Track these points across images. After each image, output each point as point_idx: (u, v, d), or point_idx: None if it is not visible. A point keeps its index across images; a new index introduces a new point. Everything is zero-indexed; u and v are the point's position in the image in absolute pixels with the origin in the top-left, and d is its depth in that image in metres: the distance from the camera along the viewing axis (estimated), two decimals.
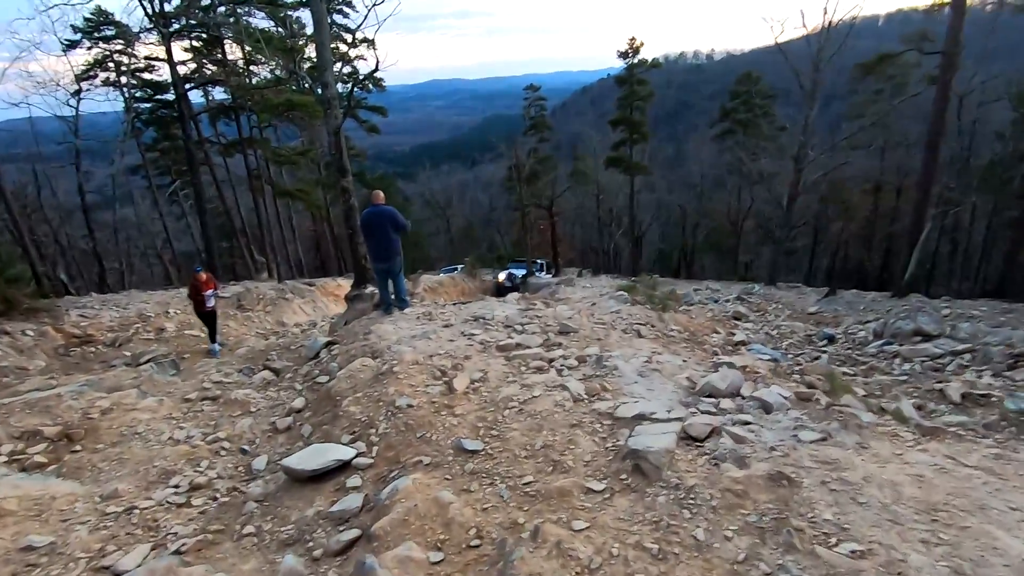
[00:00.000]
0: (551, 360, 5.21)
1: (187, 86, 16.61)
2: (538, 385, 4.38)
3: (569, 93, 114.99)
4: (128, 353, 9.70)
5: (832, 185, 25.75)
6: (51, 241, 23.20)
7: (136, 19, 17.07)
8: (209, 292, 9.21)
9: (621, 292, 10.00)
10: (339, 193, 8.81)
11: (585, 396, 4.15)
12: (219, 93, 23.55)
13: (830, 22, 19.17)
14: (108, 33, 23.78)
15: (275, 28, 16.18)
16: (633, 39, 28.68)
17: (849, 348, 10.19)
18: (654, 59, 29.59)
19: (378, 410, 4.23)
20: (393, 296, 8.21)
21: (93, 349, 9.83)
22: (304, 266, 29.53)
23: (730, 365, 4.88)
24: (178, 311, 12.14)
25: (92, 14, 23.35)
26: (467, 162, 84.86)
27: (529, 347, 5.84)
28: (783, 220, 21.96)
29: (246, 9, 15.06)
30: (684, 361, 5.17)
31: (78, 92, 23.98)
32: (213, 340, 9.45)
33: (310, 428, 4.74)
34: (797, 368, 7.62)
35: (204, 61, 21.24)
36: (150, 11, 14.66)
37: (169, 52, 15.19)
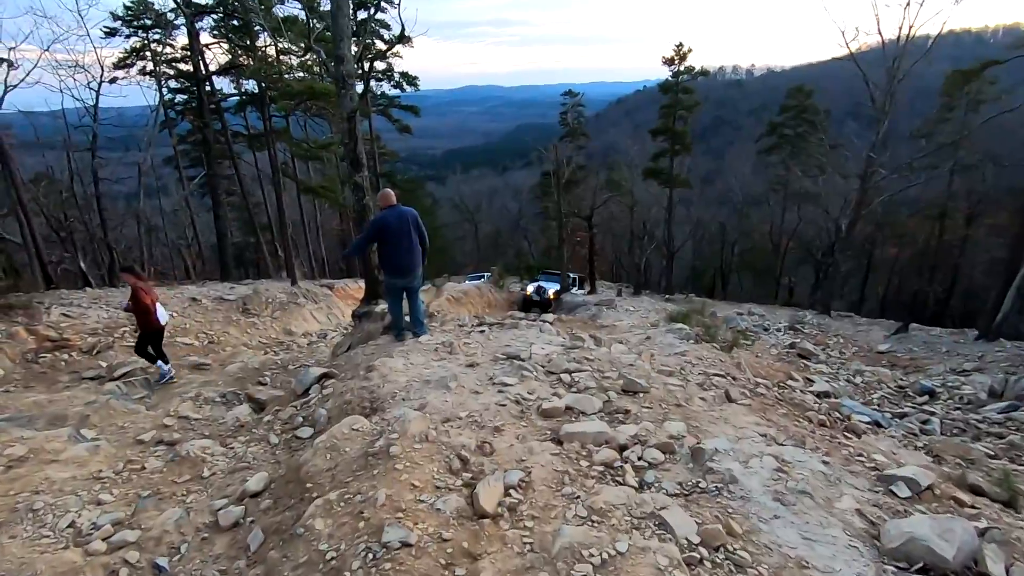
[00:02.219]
0: (623, 448, 3.48)
1: (212, 72, 15.40)
2: (616, 512, 2.65)
3: (604, 104, 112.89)
4: (104, 364, 8.26)
5: (888, 208, 23.51)
6: (83, 230, 22.42)
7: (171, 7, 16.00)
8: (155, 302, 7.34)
9: (680, 326, 8.19)
10: (352, 190, 7.22)
11: (705, 552, 2.41)
12: (251, 86, 22.66)
13: (909, 32, 17.00)
14: (147, 22, 23.03)
15: (300, 11, 14.90)
16: (680, 45, 26.79)
17: (958, 408, 8.20)
18: (701, 67, 27.62)
19: (355, 542, 2.55)
20: (408, 319, 6.59)
21: (67, 356, 8.42)
22: (327, 265, 28.30)
23: (910, 484, 3.09)
24: (175, 312, 10.73)
25: (132, 3, 22.60)
26: (498, 168, 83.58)
27: (585, 414, 4.12)
28: (841, 243, 19.78)
29: None
30: (825, 462, 3.38)
31: (114, 80, 23.26)
32: (165, 360, 7.71)
33: (260, 536, 3.09)
34: (920, 445, 5.75)
35: (237, 50, 20.17)
36: None
37: (192, 35, 13.98)
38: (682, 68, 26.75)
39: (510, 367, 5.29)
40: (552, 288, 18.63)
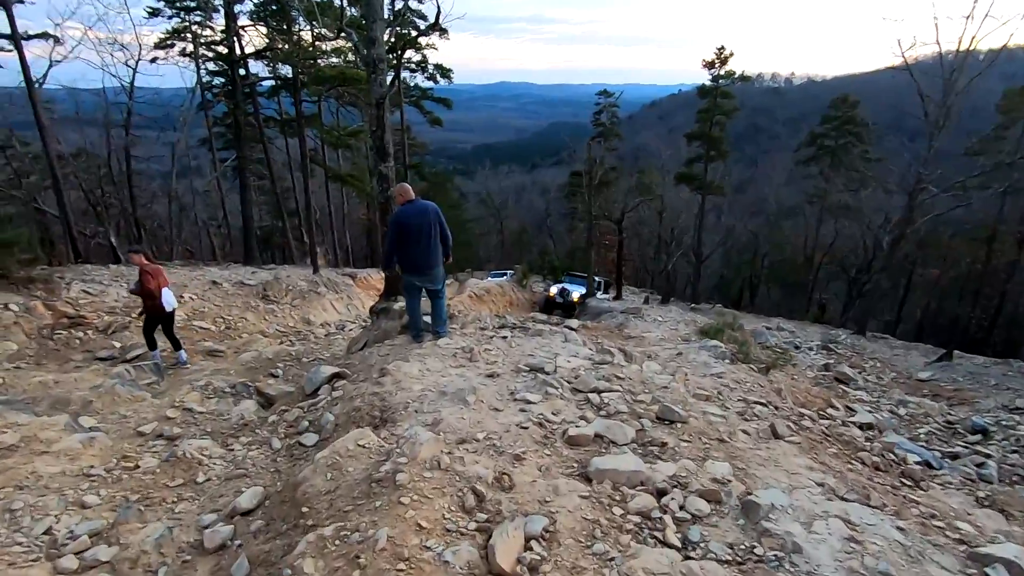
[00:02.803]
0: (661, 493, 3.02)
1: (247, 55, 15.25)
2: None
3: (637, 106, 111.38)
4: (118, 344, 8.09)
5: (929, 227, 22.40)
6: (117, 206, 22.70)
7: None
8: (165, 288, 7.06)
9: (714, 343, 7.65)
10: (377, 180, 6.86)
11: None
12: (286, 71, 22.57)
13: (970, 45, 15.96)
14: (189, 4, 23.10)
15: None
16: (721, 48, 25.84)
17: (1015, 451, 7.50)
18: (742, 72, 26.67)
19: None
20: (428, 319, 6.21)
21: (82, 334, 8.26)
22: (352, 254, 28.21)
23: (1011, 568, 2.58)
24: (195, 295, 10.56)
25: None
26: (527, 165, 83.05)
27: (616, 444, 3.67)
28: (882, 260, 18.84)
29: None
30: (900, 528, 2.87)
31: (154, 60, 23.43)
32: (178, 346, 7.51)
33: (245, 566, 2.72)
34: (983, 495, 5.15)
35: (273, 34, 20.06)
36: None
37: (228, 16, 13.82)
38: (722, 72, 25.84)
39: (533, 381, 4.86)
40: (576, 291, 18.10)
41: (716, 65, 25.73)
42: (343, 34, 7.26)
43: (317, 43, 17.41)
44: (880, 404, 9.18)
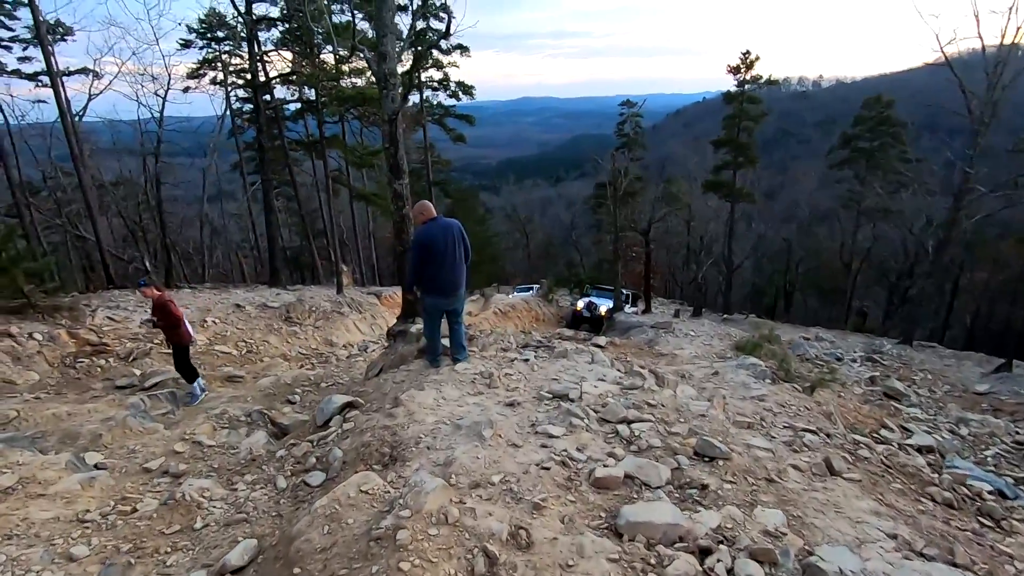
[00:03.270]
0: (704, 553, 2.57)
1: (271, 79, 15.42)
2: None
3: (661, 116, 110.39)
4: (138, 372, 7.98)
5: (975, 228, 21.16)
6: (154, 231, 23.29)
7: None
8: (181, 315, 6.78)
9: (753, 361, 7.10)
10: (391, 198, 6.60)
11: None
12: (310, 94, 22.89)
13: (1015, 36, 15.04)
14: (219, 34, 23.73)
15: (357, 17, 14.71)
16: (747, 53, 25.26)
17: None
18: (769, 76, 25.96)
19: None
20: (446, 342, 5.87)
21: (103, 362, 8.19)
22: (378, 272, 28.26)
23: None
24: (218, 319, 10.49)
25: (206, 16, 23.35)
26: (552, 178, 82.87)
27: (649, 487, 3.23)
28: (928, 265, 17.81)
29: None
30: None
31: (186, 90, 24.14)
32: (193, 378, 7.14)
33: None
34: None
35: (297, 58, 20.35)
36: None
37: (251, 42, 13.98)
38: (748, 77, 25.21)
39: (557, 411, 4.45)
40: (604, 305, 17.56)
41: (742, 70, 25.14)
42: (357, 52, 7.07)
43: (340, 65, 17.56)
44: (937, 423, 8.42)
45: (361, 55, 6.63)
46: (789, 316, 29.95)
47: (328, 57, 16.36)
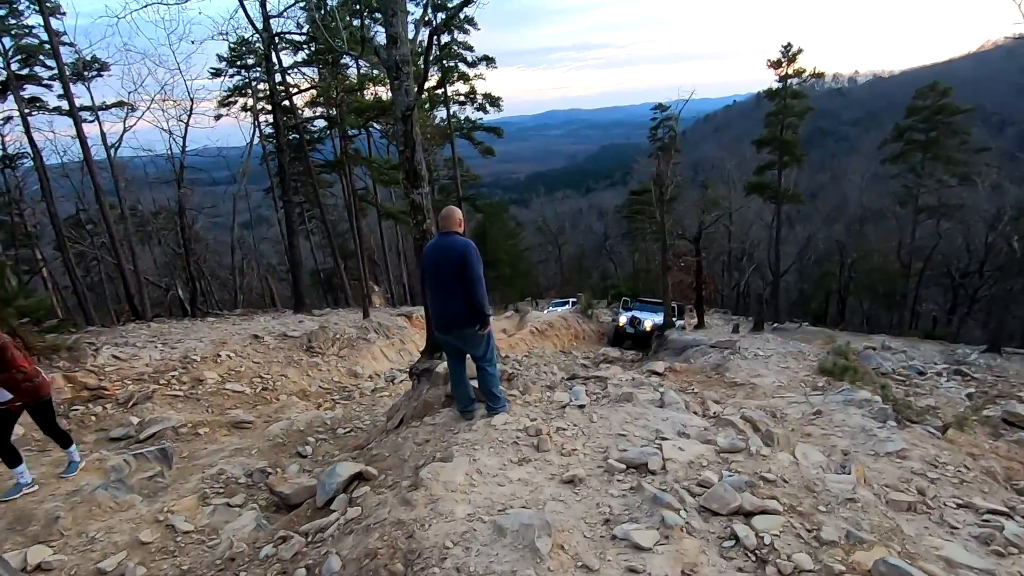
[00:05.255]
0: None
1: (291, 94, 14.73)
2: None
3: (690, 122, 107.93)
4: (136, 420, 6.97)
5: None
6: (195, 263, 23.08)
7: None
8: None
9: (862, 394, 5.62)
10: (410, 211, 5.44)
11: None
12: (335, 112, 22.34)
13: None
14: (248, 61, 23.53)
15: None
16: (788, 45, 23.53)
17: None
18: (814, 68, 24.14)
19: None
20: (474, 389, 4.62)
21: (100, 408, 7.23)
22: (409, 290, 27.37)
23: None
24: (232, 352, 9.52)
25: (236, 44, 23.17)
26: (581, 189, 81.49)
27: None
28: (1017, 263, 15.72)
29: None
30: None
31: (219, 117, 24.01)
32: (67, 443, 5.10)
33: None
34: None
35: (318, 72, 19.75)
36: (251, 13, 12.82)
37: (268, 58, 13.30)
38: (791, 71, 23.45)
39: (637, 494, 3.12)
40: (649, 320, 16.04)
41: (783, 64, 23.42)
42: (366, 49, 5.99)
43: (364, 80, 16.79)
44: None
45: (370, 50, 5.51)
46: (844, 323, 27.65)
47: (349, 72, 15.61)
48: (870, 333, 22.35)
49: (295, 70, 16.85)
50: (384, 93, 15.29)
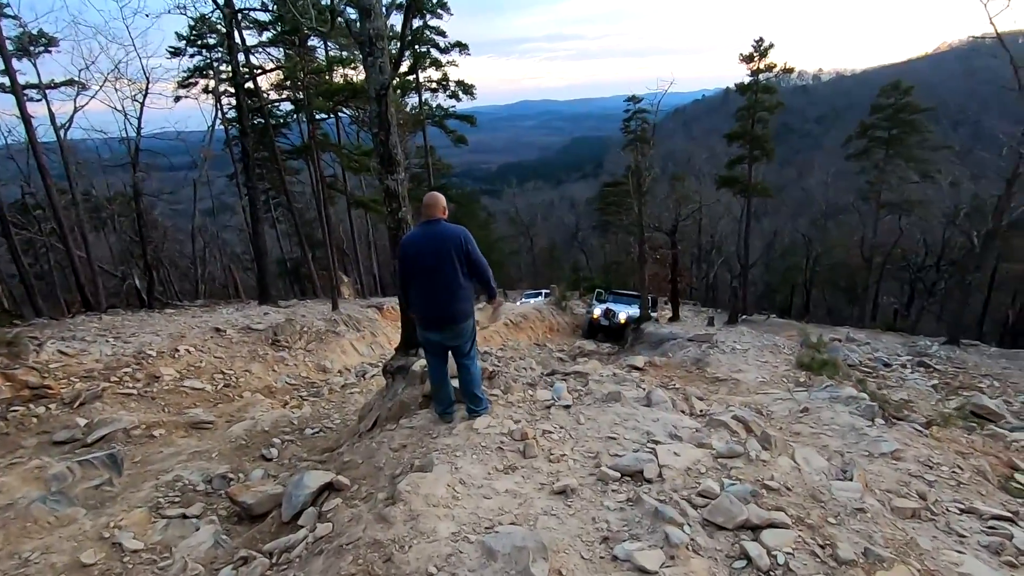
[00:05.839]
0: None
1: (256, 74, 13.95)
2: None
3: (660, 115, 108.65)
4: (83, 421, 6.42)
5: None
6: (152, 251, 21.91)
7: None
8: None
9: (847, 391, 5.54)
10: (384, 198, 5.07)
11: None
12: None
13: None
14: (210, 41, 22.32)
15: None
16: (760, 40, 23.66)
17: None
18: (785, 64, 24.34)
19: None
20: (456, 389, 4.31)
21: (42, 409, 6.64)
22: (380, 281, 26.74)
23: None
24: (191, 347, 8.94)
25: (196, 20, 21.95)
26: (553, 181, 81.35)
27: None
28: (976, 258, 16.20)
29: None
30: None
31: (178, 99, 22.75)
32: None
33: None
34: None
35: (282, 49, 18.78)
36: None
37: (231, 35, 12.54)
38: (762, 65, 23.59)
39: (636, 508, 2.88)
40: (623, 312, 15.93)
41: (755, 58, 23.53)
42: (335, 20, 5.55)
43: (333, 61, 16.06)
44: None
45: (341, 22, 5.09)
46: (809, 315, 28.29)
47: (317, 55, 14.88)
48: (834, 325, 22.84)
49: (260, 50, 15.93)
50: (355, 75, 14.66)
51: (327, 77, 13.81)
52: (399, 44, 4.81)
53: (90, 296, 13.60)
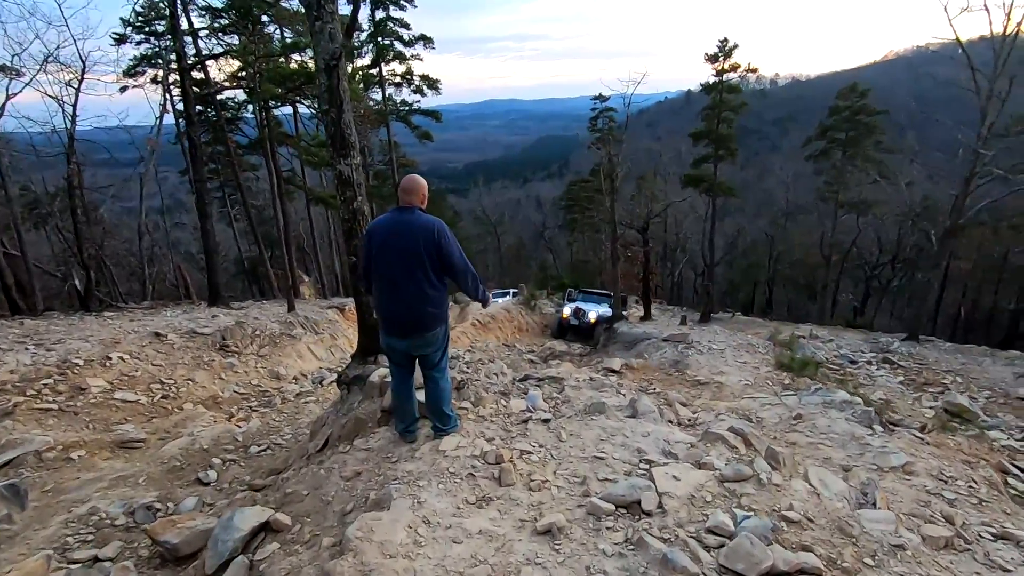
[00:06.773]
0: None
1: (202, 59, 12.94)
2: None
3: (623, 116, 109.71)
4: None
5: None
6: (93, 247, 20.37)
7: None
8: None
9: (842, 396, 5.20)
10: (337, 185, 4.44)
11: None
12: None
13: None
14: (158, 28, 20.87)
15: None
16: (724, 40, 23.75)
17: None
18: (749, 64, 24.51)
19: None
20: (424, 406, 3.72)
21: None
22: (341, 280, 25.71)
23: None
24: (126, 354, 8.02)
25: (143, 7, 20.48)
26: (519, 180, 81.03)
27: None
28: (934, 256, 16.49)
29: None
30: None
31: (124, 89, 21.23)
32: None
33: None
34: None
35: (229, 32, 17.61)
36: None
37: (174, 16, 11.55)
38: (726, 66, 23.69)
39: (637, 553, 2.37)
40: (593, 311, 15.57)
41: (720, 58, 23.59)
42: None
43: (287, 47, 15.09)
44: None
45: None
46: (772, 312, 28.70)
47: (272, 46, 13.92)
48: (796, 322, 23.12)
49: (211, 37, 14.85)
50: (311, 62, 13.75)
51: (280, 60, 12.90)
52: (352, 6, 4.16)
53: (17, 298, 12.32)
